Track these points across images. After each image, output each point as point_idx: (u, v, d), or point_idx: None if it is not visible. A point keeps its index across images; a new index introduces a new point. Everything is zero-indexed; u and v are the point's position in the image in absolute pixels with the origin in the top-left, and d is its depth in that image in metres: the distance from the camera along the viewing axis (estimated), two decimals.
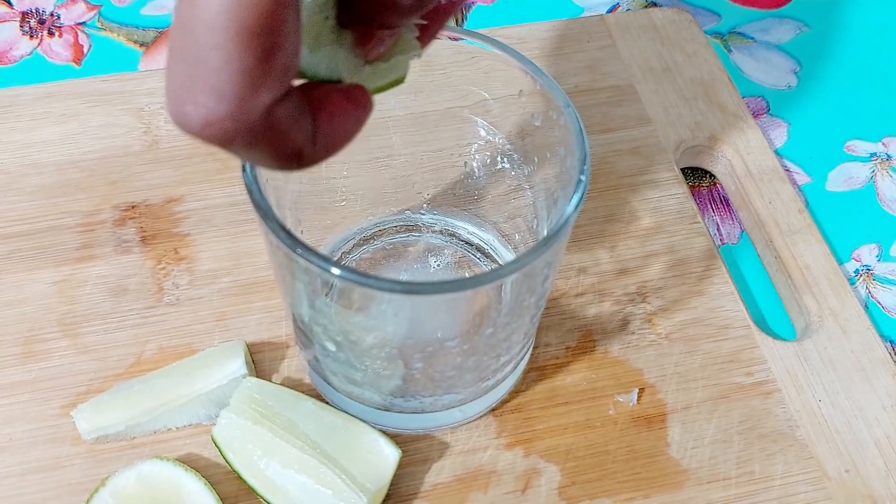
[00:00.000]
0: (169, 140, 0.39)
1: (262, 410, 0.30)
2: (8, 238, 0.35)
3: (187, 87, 0.17)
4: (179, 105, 0.17)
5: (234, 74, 0.16)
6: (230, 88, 0.17)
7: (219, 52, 0.16)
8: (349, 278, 0.24)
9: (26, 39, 0.44)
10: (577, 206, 0.26)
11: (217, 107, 0.17)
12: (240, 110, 0.17)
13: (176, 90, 0.17)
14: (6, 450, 0.31)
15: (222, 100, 0.17)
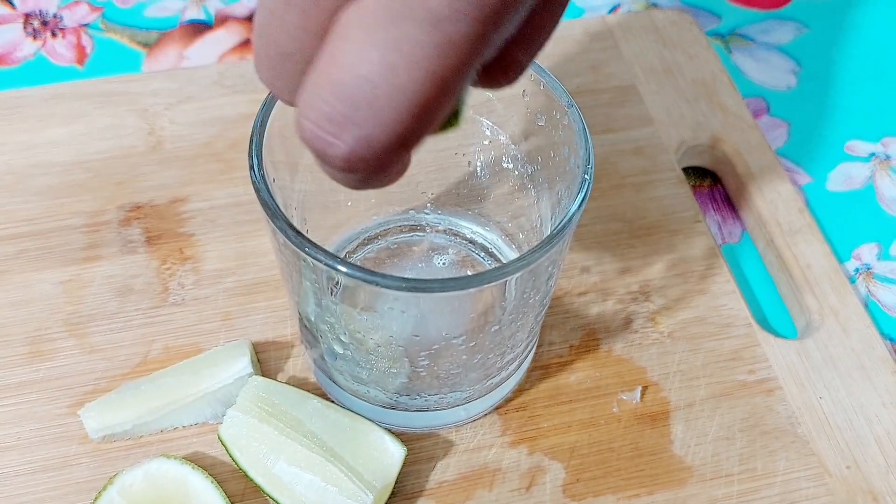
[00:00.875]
0: (173, 141, 0.39)
1: (268, 409, 0.30)
2: (14, 238, 0.36)
3: (337, 124, 0.18)
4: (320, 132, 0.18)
5: (390, 139, 0.18)
6: (380, 146, 0.18)
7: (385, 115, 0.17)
8: (356, 276, 0.24)
9: (29, 41, 0.44)
10: (581, 204, 0.26)
11: (361, 152, 0.18)
12: (377, 160, 0.18)
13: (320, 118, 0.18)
14: (14, 448, 0.31)
15: (368, 148, 0.18)
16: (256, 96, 0.40)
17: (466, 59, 0.18)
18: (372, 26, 0.17)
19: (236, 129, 0.39)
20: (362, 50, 0.17)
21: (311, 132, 0.18)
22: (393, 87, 0.17)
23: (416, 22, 0.17)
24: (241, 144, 0.39)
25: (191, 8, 0.46)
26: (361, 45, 0.17)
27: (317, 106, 0.18)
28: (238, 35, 0.45)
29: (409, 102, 0.17)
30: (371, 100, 0.17)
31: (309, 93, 0.18)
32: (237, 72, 0.41)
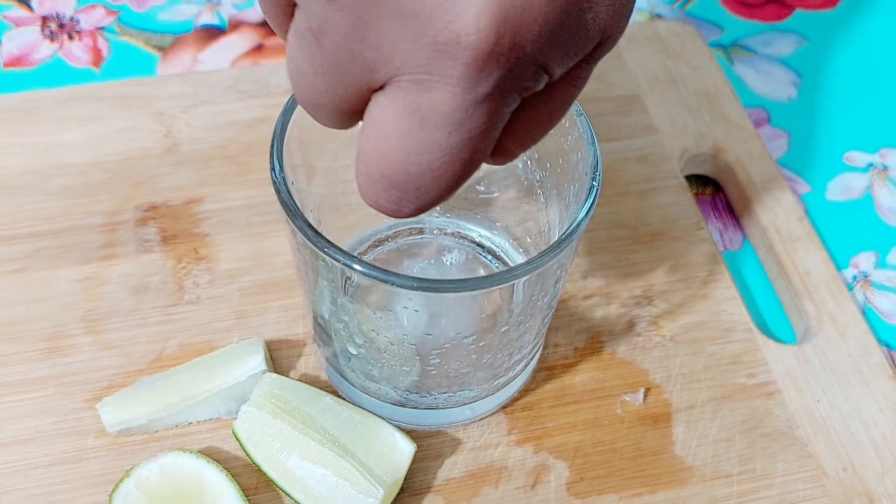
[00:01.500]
0: (189, 143, 0.40)
1: (281, 405, 0.31)
2: (33, 237, 0.36)
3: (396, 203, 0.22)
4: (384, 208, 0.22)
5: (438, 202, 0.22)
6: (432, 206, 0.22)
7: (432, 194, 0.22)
8: (373, 275, 0.25)
9: (47, 43, 0.45)
10: (589, 211, 0.27)
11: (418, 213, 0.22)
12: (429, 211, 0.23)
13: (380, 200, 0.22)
14: (33, 441, 0.32)
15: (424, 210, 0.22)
16: (270, 101, 0.41)
17: (486, 137, 0.21)
18: (405, 131, 0.20)
19: (250, 132, 0.40)
20: (401, 152, 0.21)
21: (379, 206, 0.22)
22: (433, 178, 0.21)
23: (438, 128, 0.20)
24: (254, 148, 0.40)
25: (205, 13, 0.47)
26: (399, 148, 0.21)
27: (373, 192, 0.22)
28: (251, 40, 0.46)
29: (447, 183, 0.22)
30: (419, 187, 0.21)
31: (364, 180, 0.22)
32: (251, 77, 0.42)
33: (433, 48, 0.19)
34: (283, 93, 0.42)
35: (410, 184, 0.21)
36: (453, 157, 0.21)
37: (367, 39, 0.20)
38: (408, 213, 0.22)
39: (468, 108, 0.20)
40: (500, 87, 0.20)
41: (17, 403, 0.32)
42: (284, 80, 0.42)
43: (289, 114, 0.27)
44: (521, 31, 0.19)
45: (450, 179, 0.21)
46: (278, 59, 0.45)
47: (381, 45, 0.20)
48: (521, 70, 0.20)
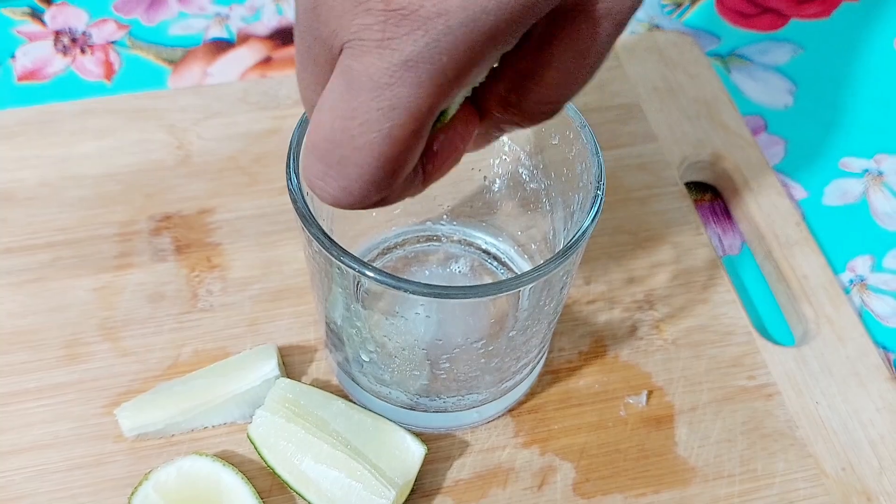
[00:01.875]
0: (201, 155, 0.41)
1: (295, 409, 0.32)
2: (50, 247, 0.37)
3: (321, 177, 0.21)
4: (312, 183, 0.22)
5: (364, 185, 0.21)
6: (359, 191, 0.21)
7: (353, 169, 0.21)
8: (386, 282, 0.26)
9: (60, 57, 0.46)
10: (594, 219, 0.28)
11: (345, 198, 0.22)
12: (363, 202, 0.22)
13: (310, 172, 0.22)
14: (52, 446, 0.33)
15: (349, 195, 0.22)
16: (279, 112, 0.42)
17: (415, 117, 0.20)
18: (336, 97, 0.20)
19: (260, 144, 0.41)
20: (328, 117, 0.21)
21: (307, 181, 0.22)
22: (354, 147, 0.21)
23: (364, 90, 0.20)
24: (265, 159, 0.41)
25: (214, 26, 0.48)
26: (327, 113, 0.21)
27: (308, 162, 0.22)
28: (259, 53, 0.47)
29: (370, 157, 0.21)
30: (339, 157, 0.21)
31: (304, 150, 0.22)
32: (260, 89, 0.43)
33: (365, 12, 0.19)
34: (291, 104, 0.43)
35: (333, 154, 0.21)
36: (373, 125, 0.20)
37: (320, 18, 0.20)
38: (332, 195, 0.22)
39: (392, 71, 0.20)
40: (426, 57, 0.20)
41: (37, 409, 0.33)
42: (293, 92, 0.43)
43: (304, 125, 0.28)
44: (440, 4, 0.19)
45: (371, 152, 0.21)
46: (286, 72, 0.46)
47: (328, 20, 0.20)
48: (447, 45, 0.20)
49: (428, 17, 0.19)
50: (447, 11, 0.19)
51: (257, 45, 0.47)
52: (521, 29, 0.21)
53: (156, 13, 0.48)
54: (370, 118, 0.20)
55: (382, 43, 0.20)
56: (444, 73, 0.20)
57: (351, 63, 0.20)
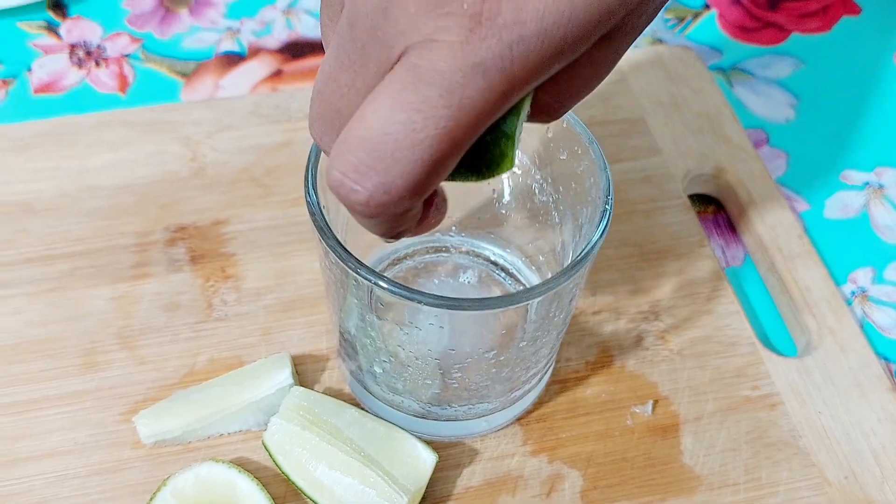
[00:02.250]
0: (214, 167, 0.41)
1: (309, 417, 0.32)
2: (68, 257, 0.38)
3: (361, 173, 0.21)
4: (346, 180, 0.21)
5: (406, 186, 0.21)
6: (397, 192, 0.21)
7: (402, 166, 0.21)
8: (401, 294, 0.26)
9: (75, 70, 0.47)
10: (602, 233, 0.29)
11: (380, 198, 0.21)
12: (394, 206, 0.21)
13: (347, 168, 0.21)
14: (71, 453, 0.33)
15: (386, 194, 0.21)
16: (290, 125, 0.43)
17: (478, 119, 0.21)
18: (397, 90, 0.20)
19: (272, 156, 0.42)
20: (387, 110, 0.20)
21: (338, 179, 0.21)
22: (412, 142, 0.20)
23: (433, 87, 0.20)
24: (277, 171, 0.41)
25: (225, 40, 0.49)
26: (386, 106, 0.20)
27: (344, 157, 0.21)
28: (270, 66, 0.48)
29: (425, 155, 0.21)
30: (392, 151, 0.20)
31: (339, 146, 0.21)
32: (272, 102, 0.44)
33: (440, 18, 0.20)
34: (303, 117, 0.43)
35: (386, 148, 0.20)
36: (436, 122, 0.20)
37: (389, 19, 0.20)
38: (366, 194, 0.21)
39: (465, 72, 0.20)
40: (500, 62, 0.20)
41: (57, 416, 0.34)
42: (304, 106, 0.44)
43: None
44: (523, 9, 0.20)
45: (425, 151, 0.20)
46: (297, 85, 0.47)
47: (398, 21, 0.20)
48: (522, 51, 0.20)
49: (504, 26, 0.20)
50: (523, 21, 0.20)
51: (268, 58, 0.48)
52: (585, 46, 0.21)
53: (168, 27, 0.49)
54: (436, 115, 0.20)
55: (457, 45, 0.20)
56: (512, 80, 0.21)
57: (419, 62, 0.20)
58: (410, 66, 0.20)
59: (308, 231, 0.39)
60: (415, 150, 0.20)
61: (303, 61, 0.48)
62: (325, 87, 0.22)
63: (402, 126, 0.20)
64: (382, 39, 0.21)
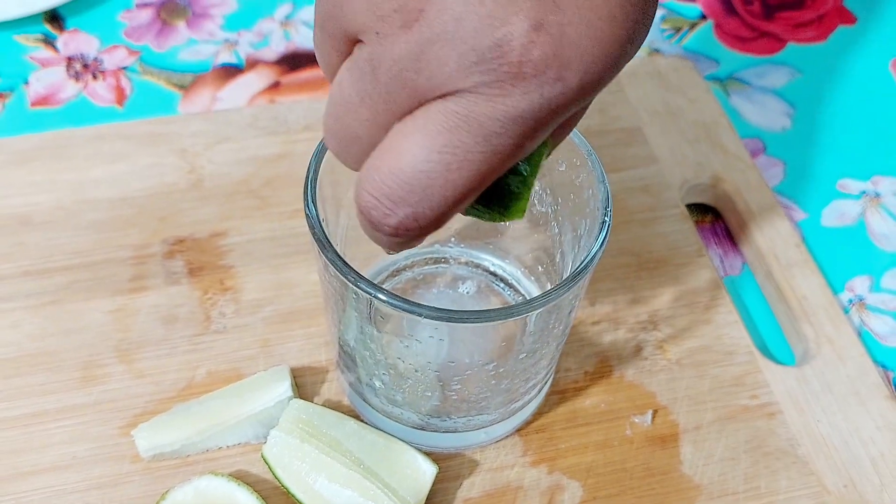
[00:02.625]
0: (212, 179, 0.41)
1: (308, 430, 0.32)
2: (66, 270, 0.38)
3: (394, 202, 0.22)
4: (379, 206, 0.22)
5: (434, 217, 0.23)
6: (425, 221, 0.23)
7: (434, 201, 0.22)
8: (401, 307, 0.26)
9: (72, 83, 0.47)
10: (602, 245, 0.29)
11: (409, 225, 0.23)
12: (419, 231, 0.23)
13: (380, 195, 0.22)
14: (70, 467, 0.33)
15: (415, 222, 0.23)
16: (288, 137, 0.43)
17: (506, 161, 0.22)
18: (434, 132, 0.21)
19: (270, 168, 0.42)
20: (423, 150, 0.22)
21: (371, 203, 0.23)
22: (445, 181, 0.22)
23: (471, 134, 0.21)
24: (275, 182, 0.41)
25: (223, 52, 0.49)
26: (422, 146, 0.22)
27: (378, 185, 0.22)
28: (267, 78, 0.48)
29: (455, 192, 0.22)
30: (425, 187, 0.22)
31: (372, 173, 0.22)
32: (270, 115, 0.44)
33: (485, 73, 0.21)
34: (300, 129, 0.43)
35: (419, 183, 0.22)
36: (471, 165, 0.22)
37: (421, 69, 0.21)
38: (396, 222, 0.22)
39: (504, 123, 0.21)
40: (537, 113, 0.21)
41: (55, 430, 0.34)
42: (302, 117, 0.44)
43: (321, 155, 0.29)
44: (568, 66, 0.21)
45: (456, 190, 0.22)
46: (295, 97, 0.47)
47: (434, 74, 0.21)
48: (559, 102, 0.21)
49: (547, 81, 0.21)
50: (566, 78, 0.21)
51: (265, 70, 0.48)
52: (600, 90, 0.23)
53: (166, 39, 0.49)
54: (471, 158, 0.22)
55: (499, 98, 0.21)
56: (543, 125, 0.22)
57: (458, 109, 0.21)
58: (449, 111, 0.21)
59: (306, 243, 0.39)
60: (447, 188, 0.22)
61: (301, 73, 0.48)
62: (344, 115, 0.23)
63: (437, 166, 0.22)
64: (413, 89, 0.21)
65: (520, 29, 0.20)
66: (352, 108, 0.23)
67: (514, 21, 0.20)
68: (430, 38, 0.21)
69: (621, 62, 0.22)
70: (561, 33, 0.21)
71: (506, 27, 0.20)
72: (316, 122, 0.44)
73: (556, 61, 0.21)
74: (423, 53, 0.21)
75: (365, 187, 0.22)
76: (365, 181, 0.22)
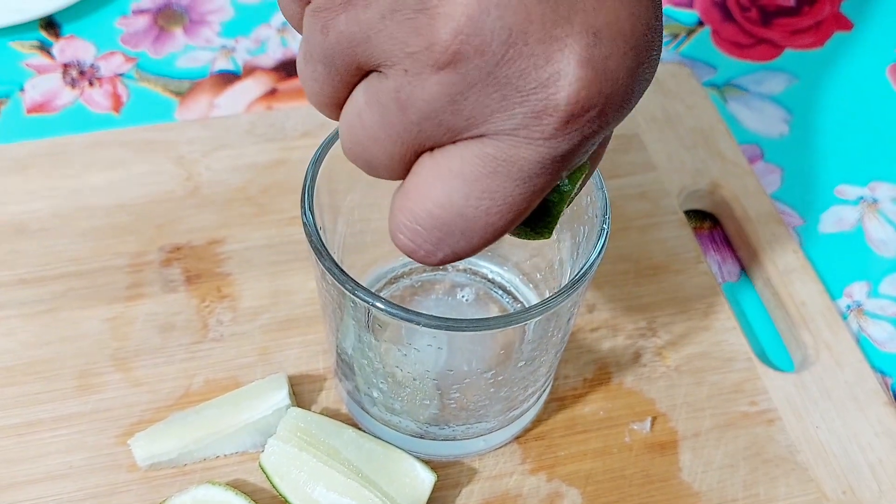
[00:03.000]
0: (209, 186, 0.41)
1: (306, 438, 0.32)
2: (62, 277, 0.38)
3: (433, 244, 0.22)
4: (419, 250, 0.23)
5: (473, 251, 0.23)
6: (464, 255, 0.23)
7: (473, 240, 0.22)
8: (400, 315, 0.26)
9: (68, 89, 0.47)
10: (600, 252, 0.29)
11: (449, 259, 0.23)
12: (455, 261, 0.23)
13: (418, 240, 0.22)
14: (67, 477, 0.33)
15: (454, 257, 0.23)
16: (285, 144, 0.43)
17: (543, 193, 0.22)
18: (471, 178, 0.21)
19: (268, 174, 0.42)
20: (461, 196, 0.21)
21: (410, 248, 0.23)
22: (485, 224, 0.22)
23: (509, 179, 0.21)
24: (272, 189, 0.41)
25: (220, 59, 0.49)
26: (460, 191, 0.21)
27: (416, 232, 0.22)
28: (265, 85, 0.48)
29: (495, 231, 0.22)
30: (464, 230, 0.22)
31: (408, 215, 0.22)
32: (268, 121, 0.44)
33: (530, 116, 0.20)
34: (298, 136, 0.43)
35: (459, 227, 0.22)
36: (511, 207, 0.21)
37: (460, 111, 0.20)
38: (437, 260, 0.22)
39: (546, 165, 0.21)
40: (575, 150, 0.21)
41: (52, 440, 0.34)
42: (300, 124, 0.44)
43: (318, 163, 0.29)
44: (609, 101, 0.20)
45: (496, 230, 0.22)
46: (292, 103, 0.47)
47: (473, 115, 0.20)
48: (596, 136, 0.21)
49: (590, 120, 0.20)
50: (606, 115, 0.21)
51: (263, 77, 0.48)
52: None
53: (163, 46, 0.49)
54: (511, 202, 0.21)
55: (541, 141, 0.20)
56: (580, 155, 0.22)
57: (496, 153, 0.21)
58: (487, 156, 0.21)
59: (304, 250, 0.39)
60: (487, 230, 0.22)
61: (298, 80, 0.48)
62: (369, 145, 0.22)
63: (476, 211, 0.21)
64: (448, 128, 0.21)
65: (566, 68, 0.20)
66: (378, 141, 0.22)
67: (560, 59, 0.20)
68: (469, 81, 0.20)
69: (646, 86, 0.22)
70: (604, 68, 0.20)
71: (552, 66, 0.20)
72: (313, 129, 0.44)
73: (600, 99, 0.20)
74: (461, 95, 0.20)
75: (403, 232, 0.22)
76: (402, 226, 0.22)
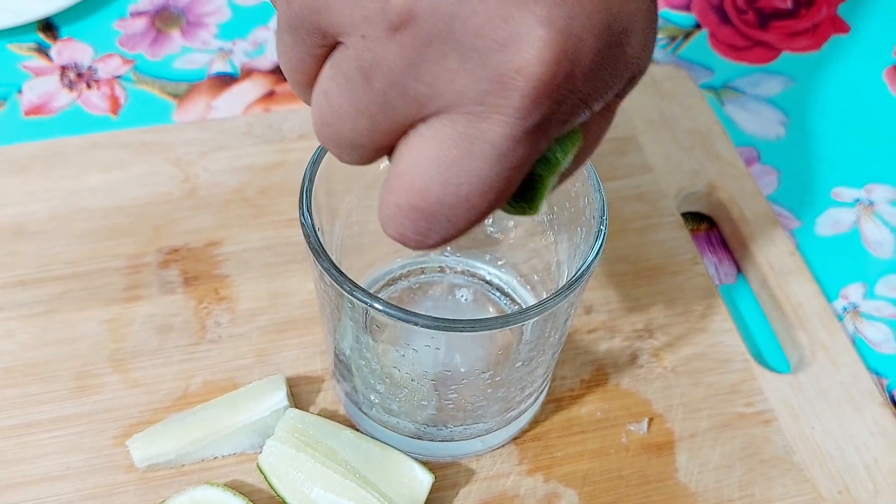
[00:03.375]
0: (207, 187, 0.41)
1: (304, 439, 0.32)
2: (60, 279, 0.38)
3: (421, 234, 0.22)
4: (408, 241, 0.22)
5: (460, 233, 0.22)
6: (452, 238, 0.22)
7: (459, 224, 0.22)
8: (397, 316, 0.26)
9: (66, 91, 0.47)
10: (597, 254, 0.29)
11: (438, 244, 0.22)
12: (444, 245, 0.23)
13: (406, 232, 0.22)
14: (65, 478, 0.33)
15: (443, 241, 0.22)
16: (283, 146, 0.43)
17: (523, 172, 0.21)
18: (448, 164, 0.20)
19: (265, 176, 0.42)
20: (438, 184, 0.21)
21: (400, 237, 0.22)
22: (467, 209, 0.21)
23: (483, 159, 0.20)
24: (270, 191, 0.41)
25: (218, 61, 0.49)
26: (438, 180, 0.21)
27: (402, 224, 0.22)
28: (262, 87, 0.48)
29: (479, 213, 0.22)
30: (449, 217, 0.21)
31: (393, 209, 0.22)
32: (265, 123, 0.44)
33: (493, 81, 0.19)
34: (296, 138, 0.43)
35: (442, 214, 0.21)
36: (491, 187, 0.21)
37: (421, 76, 0.20)
38: (430, 245, 0.22)
39: (518, 138, 0.20)
40: (548, 119, 0.20)
41: (50, 441, 0.34)
42: (297, 126, 0.44)
43: (316, 165, 0.29)
44: (575, 64, 0.19)
45: (481, 211, 0.21)
46: (290, 105, 0.47)
47: (436, 81, 0.20)
48: (569, 103, 0.20)
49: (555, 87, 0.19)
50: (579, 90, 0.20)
51: (261, 79, 0.48)
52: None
53: (160, 48, 0.49)
54: (491, 182, 0.21)
55: (514, 113, 0.20)
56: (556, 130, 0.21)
57: (469, 131, 0.20)
58: (459, 136, 0.20)
59: (302, 252, 0.39)
60: (471, 212, 0.21)
61: None
62: (340, 126, 0.22)
63: (456, 198, 0.21)
64: (413, 99, 0.20)
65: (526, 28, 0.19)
66: (347, 119, 0.21)
67: (518, 18, 0.19)
68: (424, 41, 0.19)
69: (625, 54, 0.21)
70: (568, 28, 0.19)
71: (510, 25, 0.19)
72: (311, 130, 0.43)
73: (566, 62, 0.19)
74: (420, 57, 0.19)
75: (391, 224, 0.22)
76: (389, 219, 0.22)
